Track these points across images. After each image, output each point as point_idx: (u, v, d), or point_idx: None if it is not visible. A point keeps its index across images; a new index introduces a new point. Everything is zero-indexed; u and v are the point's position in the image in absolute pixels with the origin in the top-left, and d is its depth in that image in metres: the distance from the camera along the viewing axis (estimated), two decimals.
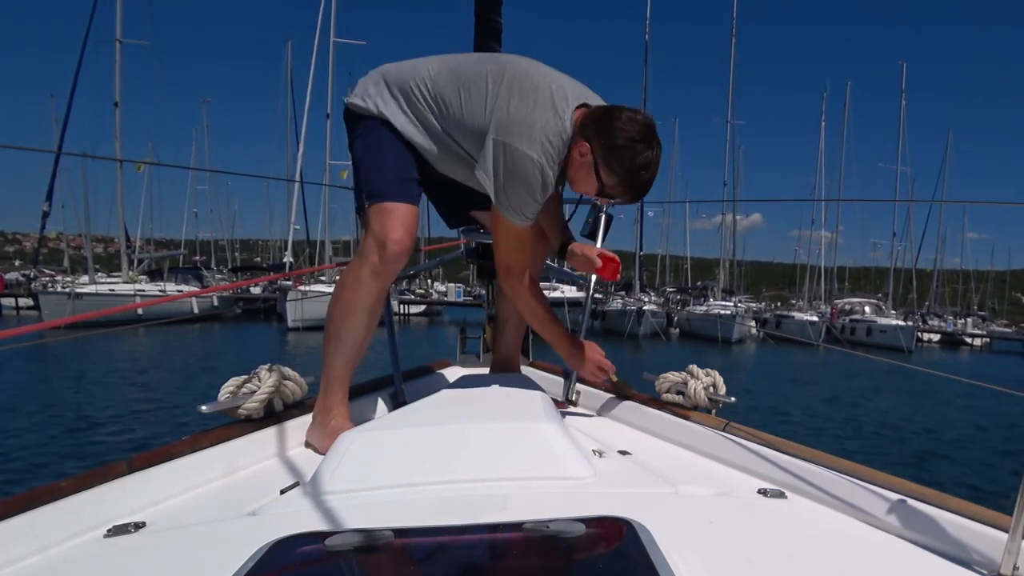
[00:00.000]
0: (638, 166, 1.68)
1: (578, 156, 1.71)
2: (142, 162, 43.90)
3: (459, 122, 1.76)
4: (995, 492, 6.76)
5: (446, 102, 1.77)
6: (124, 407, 9.99)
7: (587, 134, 1.69)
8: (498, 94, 1.71)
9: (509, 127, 1.68)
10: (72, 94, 27.66)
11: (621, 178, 1.69)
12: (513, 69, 1.75)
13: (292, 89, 41.64)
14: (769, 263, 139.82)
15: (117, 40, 30.08)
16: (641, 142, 1.66)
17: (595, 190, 1.76)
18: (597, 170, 1.70)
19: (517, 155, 1.66)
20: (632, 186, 1.71)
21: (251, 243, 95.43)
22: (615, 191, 1.73)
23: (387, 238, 1.77)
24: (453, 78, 1.77)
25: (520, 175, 1.67)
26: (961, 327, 48.34)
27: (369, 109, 1.85)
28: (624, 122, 1.66)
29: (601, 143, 1.67)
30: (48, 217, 27.57)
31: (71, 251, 40.53)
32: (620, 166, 1.68)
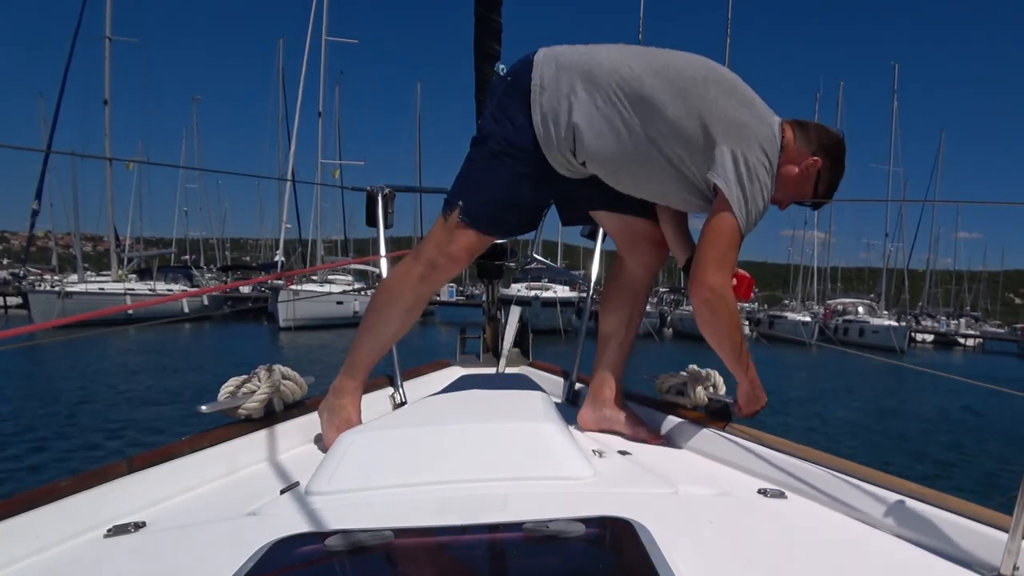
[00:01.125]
0: (842, 175, 1.85)
1: (801, 169, 1.78)
2: (132, 160, 43.79)
3: (675, 127, 1.68)
4: (995, 492, 6.81)
5: (659, 106, 1.67)
6: (120, 407, 9.95)
7: (815, 150, 1.77)
8: (721, 103, 1.68)
9: (743, 136, 1.67)
10: (61, 92, 27.58)
11: (830, 189, 1.84)
12: (725, 77, 1.74)
13: (284, 87, 41.54)
14: (762, 263, 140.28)
15: (106, 38, 30.00)
16: (844, 158, 1.83)
17: (798, 198, 1.86)
18: (817, 181, 1.80)
19: (757, 165, 1.68)
20: (831, 194, 1.86)
21: (242, 242, 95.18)
22: (817, 198, 1.86)
23: (449, 251, 1.78)
24: (665, 81, 1.68)
25: (762, 184, 1.69)
26: (954, 327, 48.59)
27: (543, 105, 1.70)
28: (837, 140, 1.81)
29: (828, 157, 1.78)
30: (37, 215, 27.48)
31: (60, 250, 40.33)
32: (838, 176, 1.83)
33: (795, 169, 1.77)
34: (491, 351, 2.75)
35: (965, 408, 13.50)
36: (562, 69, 1.70)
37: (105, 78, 30.15)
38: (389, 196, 2.40)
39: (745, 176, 1.66)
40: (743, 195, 1.67)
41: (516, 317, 2.69)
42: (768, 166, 1.69)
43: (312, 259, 36.47)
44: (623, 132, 1.69)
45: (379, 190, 2.37)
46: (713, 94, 1.67)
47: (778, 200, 1.84)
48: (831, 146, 1.78)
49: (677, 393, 1.98)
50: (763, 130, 1.70)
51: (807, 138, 1.77)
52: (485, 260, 2.52)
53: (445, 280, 1.86)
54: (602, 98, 1.68)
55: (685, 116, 1.67)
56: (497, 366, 2.66)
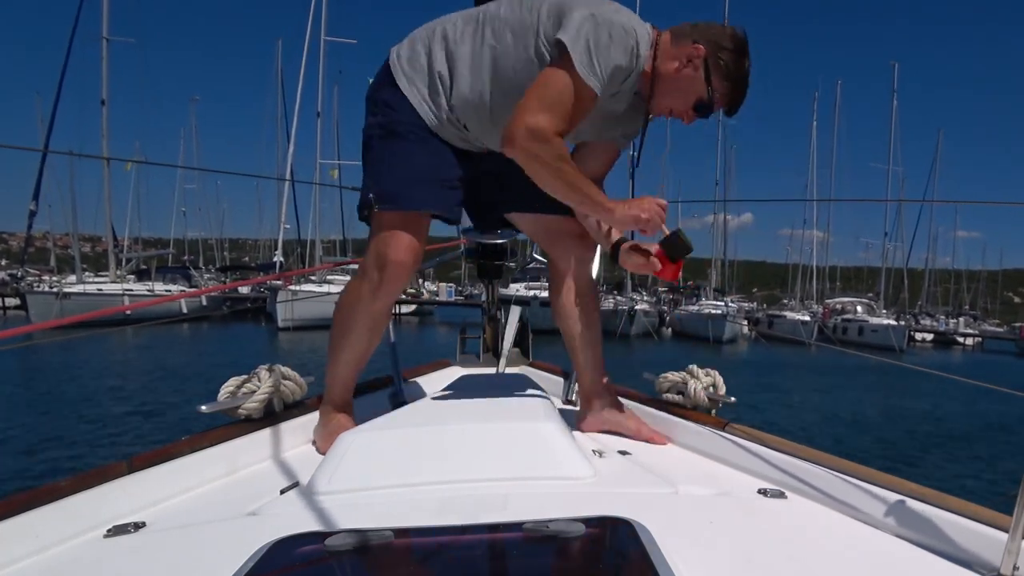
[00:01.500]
0: (746, 73, 1.67)
1: (684, 62, 1.64)
2: (130, 160, 43.76)
3: (521, 24, 1.62)
4: (995, 492, 6.82)
5: (504, 17, 1.64)
6: (120, 407, 9.95)
7: (695, 39, 1.63)
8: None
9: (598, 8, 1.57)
10: (58, 93, 27.54)
11: (733, 84, 1.66)
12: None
13: (283, 87, 41.52)
14: (761, 262, 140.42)
15: (104, 38, 29.91)
16: (746, 54, 1.66)
17: (694, 101, 1.68)
18: (708, 76, 1.64)
19: (612, 25, 1.55)
20: (739, 94, 1.69)
21: (240, 242, 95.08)
22: (721, 100, 1.68)
23: (388, 259, 1.71)
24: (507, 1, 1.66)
25: (615, 37, 1.55)
26: (953, 327, 48.68)
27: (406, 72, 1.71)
28: (731, 31, 1.65)
29: (715, 45, 1.63)
30: (35, 216, 27.43)
31: (58, 250, 40.36)
32: (736, 69, 1.64)
33: (675, 63, 1.64)
34: (491, 351, 2.75)
35: (964, 408, 13.51)
36: (414, 39, 1.75)
37: (103, 78, 30.09)
38: None
39: (592, 29, 1.53)
40: (585, 41, 1.53)
41: (516, 317, 2.70)
42: (629, 28, 1.57)
43: (311, 259, 36.44)
44: (477, 51, 1.66)
45: None
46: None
47: (674, 109, 1.71)
48: (717, 33, 1.64)
49: (677, 393, 1.98)
50: (623, 12, 1.60)
51: (684, 33, 1.65)
52: (485, 260, 2.51)
53: (398, 290, 1.78)
54: (452, 37, 1.69)
55: (529, 13, 1.62)
56: (497, 366, 2.66)
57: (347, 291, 1.84)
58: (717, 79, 1.64)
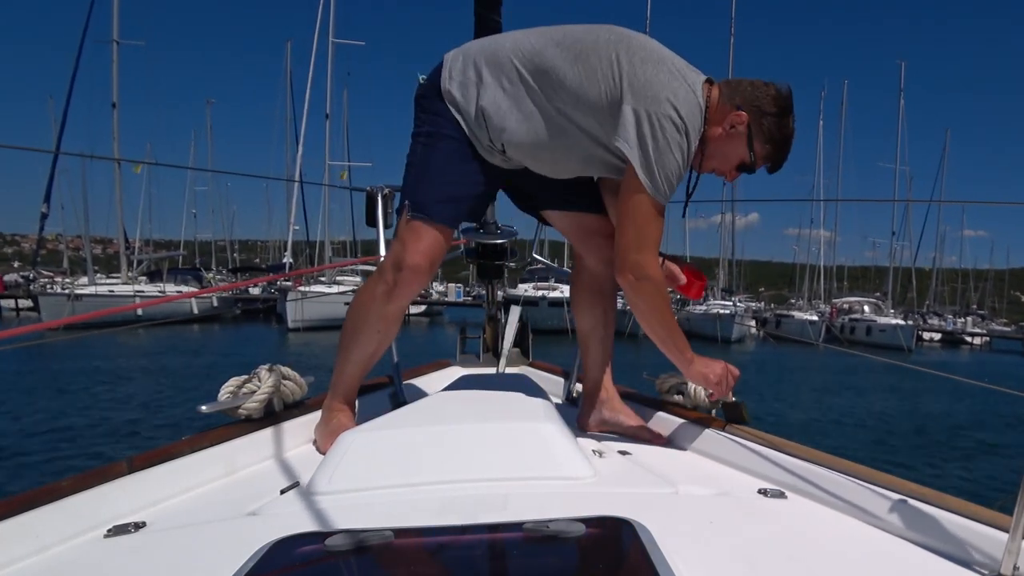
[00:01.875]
0: (789, 134, 1.69)
1: (728, 127, 1.67)
2: (141, 162, 43.94)
3: (578, 95, 1.63)
4: (995, 492, 6.77)
5: (559, 75, 1.63)
6: (123, 407, 9.99)
7: (739, 103, 1.65)
8: (625, 62, 1.60)
9: (650, 93, 1.58)
10: (69, 95, 27.63)
11: (776, 146, 1.69)
12: (632, 38, 1.65)
13: (292, 89, 41.70)
14: (767, 262, 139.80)
15: (114, 41, 30.12)
16: (789, 112, 1.68)
17: (737, 163, 1.72)
18: (750, 141, 1.67)
19: (664, 121, 1.57)
20: (782, 154, 1.72)
21: (250, 244, 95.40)
22: (763, 161, 1.71)
23: (405, 263, 1.72)
24: (564, 49, 1.64)
25: (671, 140, 1.58)
26: (961, 326, 48.38)
27: (453, 95, 1.71)
28: (774, 92, 1.66)
29: (757, 110, 1.65)
30: (47, 218, 27.59)
31: (70, 252, 40.61)
32: (779, 133, 1.67)
33: (719, 129, 1.67)
34: (491, 351, 2.75)
35: (970, 407, 13.43)
36: (468, 58, 1.73)
37: (113, 81, 30.30)
38: (389, 196, 2.40)
39: (649, 135, 1.57)
40: (646, 156, 1.58)
41: (516, 317, 2.69)
42: (679, 122, 1.58)
43: (320, 260, 36.56)
44: (530, 108, 1.67)
45: (379, 190, 2.37)
46: (614, 55, 1.61)
47: (717, 168, 1.75)
48: (759, 97, 1.65)
49: (677, 393, 1.98)
50: (674, 84, 1.60)
51: (731, 94, 1.67)
52: (484, 260, 2.52)
53: (412, 293, 1.79)
54: (507, 78, 1.68)
55: (586, 81, 1.62)
56: (497, 366, 2.66)
57: (362, 291, 1.85)
58: (758, 143, 1.67)
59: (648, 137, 1.58)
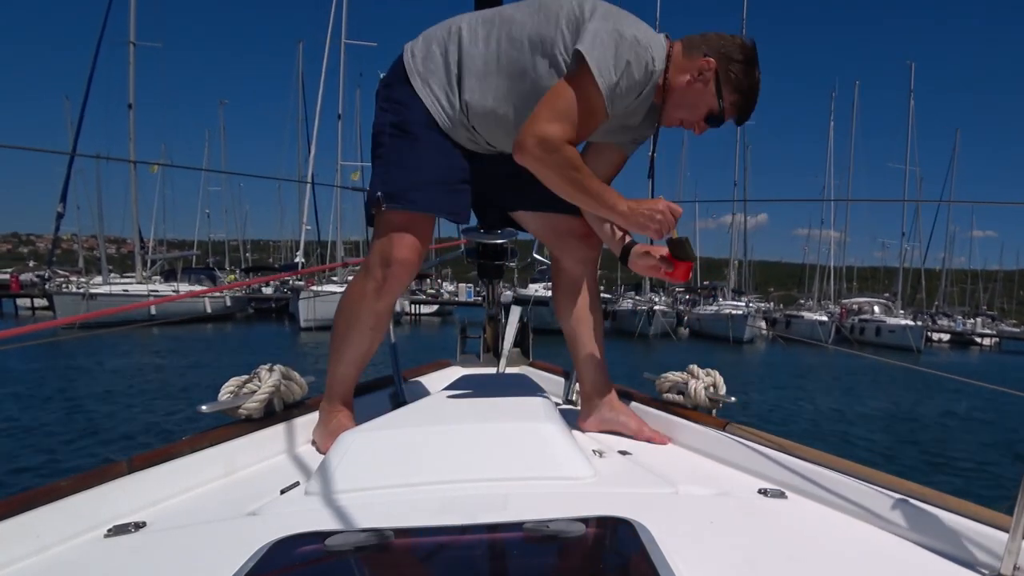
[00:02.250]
0: (755, 83, 1.69)
1: (695, 75, 1.65)
2: (156, 163, 44.24)
3: (540, 39, 1.62)
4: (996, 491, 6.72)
5: (519, 23, 1.64)
6: (126, 407, 10.01)
7: (706, 52, 1.65)
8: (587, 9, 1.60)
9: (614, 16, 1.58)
10: (86, 96, 27.72)
11: (743, 95, 1.68)
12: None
13: (304, 90, 41.88)
14: (777, 263, 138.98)
15: (131, 42, 30.26)
16: (755, 62, 1.68)
17: (705, 112, 1.70)
18: (719, 88, 1.66)
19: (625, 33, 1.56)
20: (749, 103, 1.71)
21: (263, 244, 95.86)
22: (731, 111, 1.70)
23: (392, 258, 1.72)
24: (526, 3, 1.67)
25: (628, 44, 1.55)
26: (970, 327, 47.94)
27: (418, 70, 1.71)
28: (740, 42, 1.67)
29: (725, 57, 1.64)
30: (62, 218, 27.76)
31: (85, 252, 40.84)
32: (746, 81, 1.66)
33: (686, 77, 1.66)
34: (491, 351, 2.75)
35: (977, 408, 13.31)
36: (428, 37, 1.74)
37: (130, 82, 30.39)
38: None
39: (611, 37, 1.54)
40: (604, 55, 1.53)
41: (516, 317, 2.69)
42: (641, 41, 1.57)
43: (332, 260, 36.67)
44: (492, 61, 1.66)
45: None
46: (575, 3, 1.61)
47: (685, 120, 1.72)
48: (726, 45, 1.65)
49: (678, 393, 1.97)
50: (639, 26, 1.60)
51: (695, 45, 1.66)
52: (485, 260, 2.52)
53: (402, 287, 1.78)
54: (468, 39, 1.68)
55: (548, 24, 1.61)
56: (497, 366, 2.66)
57: (350, 290, 1.84)
58: (727, 91, 1.66)
59: (609, 42, 1.54)
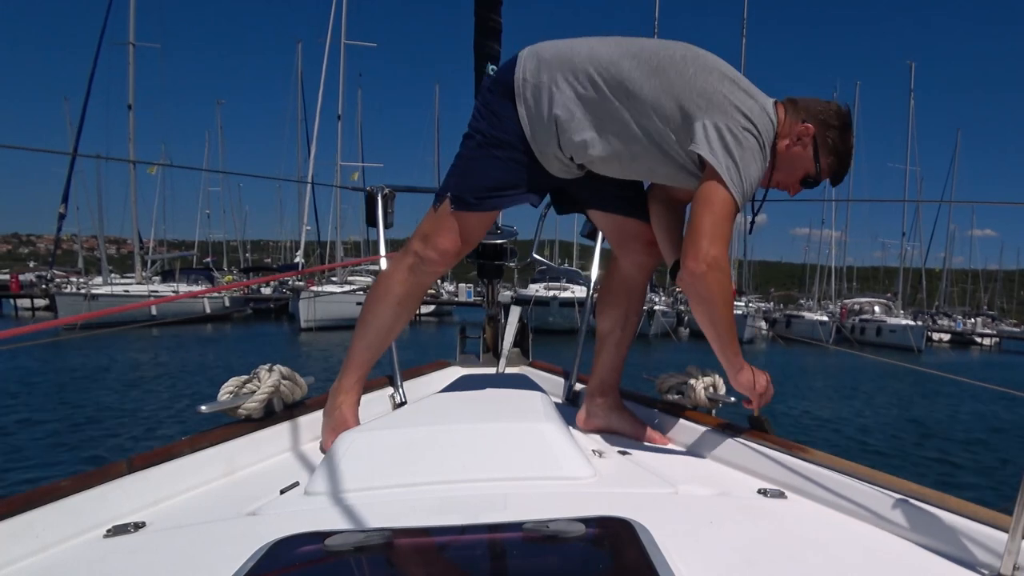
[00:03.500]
0: (850, 147, 1.78)
1: (795, 140, 1.73)
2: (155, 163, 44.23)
3: (654, 106, 1.66)
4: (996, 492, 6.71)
5: (636, 85, 1.66)
6: (125, 407, 10.01)
7: (804, 118, 1.73)
8: (701, 78, 1.65)
9: (725, 109, 1.63)
10: (87, 97, 27.68)
11: (839, 158, 1.77)
12: (707, 56, 1.71)
13: (303, 91, 41.80)
14: (777, 263, 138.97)
15: (130, 43, 30.28)
16: (850, 128, 1.78)
17: (802, 175, 1.78)
18: (816, 153, 1.74)
19: (741, 132, 1.63)
20: (843, 167, 1.80)
21: (262, 244, 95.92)
22: (827, 173, 1.78)
23: (435, 243, 1.77)
24: (641, 61, 1.67)
25: (751, 148, 1.64)
26: (971, 327, 47.91)
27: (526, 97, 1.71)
28: (836, 108, 1.76)
29: (823, 124, 1.73)
30: (64, 219, 27.73)
31: (85, 252, 40.84)
32: (843, 146, 1.76)
33: (786, 142, 1.73)
34: (491, 351, 2.75)
35: (977, 408, 13.31)
36: (543, 62, 1.72)
37: (129, 83, 30.41)
38: (389, 196, 2.40)
39: (732, 143, 1.61)
40: (731, 161, 1.61)
41: (516, 317, 2.69)
42: (756, 134, 1.64)
43: (331, 260, 36.66)
44: (605, 117, 1.69)
45: (379, 190, 2.38)
46: (692, 71, 1.65)
47: (781, 182, 1.80)
48: (824, 112, 1.74)
49: (677, 393, 1.97)
50: (748, 102, 1.66)
51: (796, 110, 1.74)
52: (485, 260, 2.52)
53: (435, 274, 1.83)
54: (581, 85, 1.68)
55: (662, 94, 1.65)
56: (497, 366, 2.65)
57: (390, 263, 1.90)
58: (824, 155, 1.74)
59: (732, 145, 1.61)
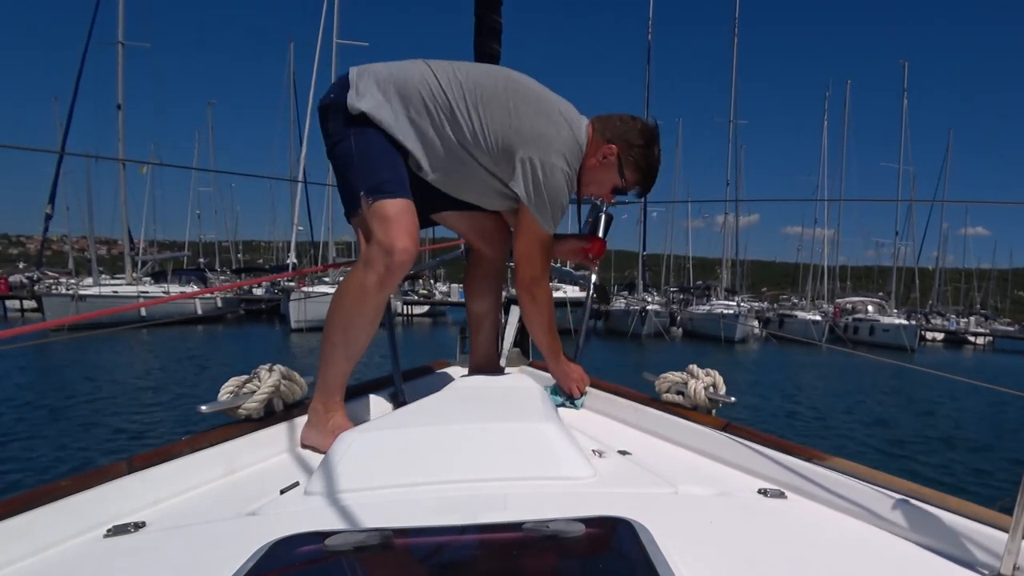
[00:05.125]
0: (654, 162, 1.99)
1: (600, 159, 1.94)
2: (145, 163, 44.05)
3: (477, 137, 1.83)
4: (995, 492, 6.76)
5: (465, 117, 1.81)
6: (124, 407, 10.00)
7: (609, 138, 1.93)
8: (520, 112, 1.83)
9: (540, 144, 1.83)
10: (75, 97, 27.50)
11: (643, 173, 1.98)
12: (526, 88, 1.88)
13: (295, 90, 41.66)
14: (771, 262, 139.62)
15: (119, 42, 30.16)
16: (655, 143, 1.98)
17: (611, 188, 2.00)
18: (621, 169, 1.95)
19: (552, 169, 1.84)
20: (649, 179, 2.01)
21: (254, 244, 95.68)
22: (633, 186, 2.00)
23: (394, 247, 1.72)
24: (468, 93, 1.81)
25: (556, 187, 1.86)
26: (964, 326, 48.19)
27: (368, 112, 1.78)
28: (640, 126, 1.96)
29: (626, 143, 1.93)
30: (51, 219, 27.51)
31: (75, 253, 40.61)
32: (645, 161, 1.96)
33: (593, 160, 1.95)
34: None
35: (972, 407, 13.40)
36: (378, 80, 1.82)
37: (118, 83, 30.29)
38: None
39: (542, 180, 1.83)
40: (540, 198, 1.85)
41: (516, 317, 2.69)
42: (566, 168, 1.86)
43: (324, 261, 36.55)
44: (434, 141, 1.84)
45: None
46: (512, 104, 1.82)
47: (594, 193, 2.04)
48: (627, 131, 1.93)
49: (677, 393, 1.98)
50: (563, 133, 1.86)
51: (603, 129, 1.94)
52: None
53: (401, 276, 1.80)
54: (414, 109, 1.81)
55: (485, 127, 1.82)
56: None
57: (347, 285, 1.80)
58: (628, 171, 1.97)
59: (542, 182, 1.84)
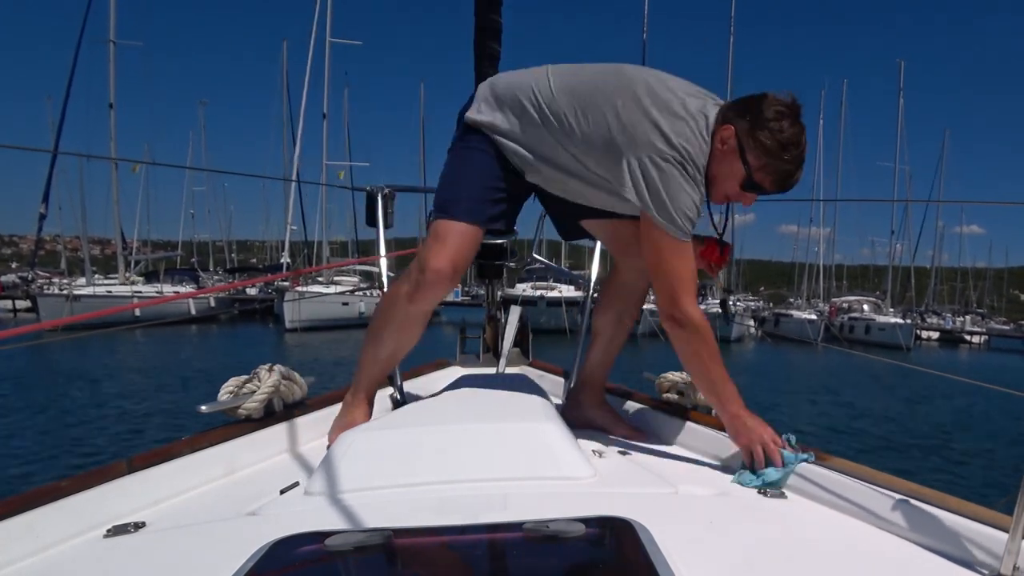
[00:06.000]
0: (784, 140, 1.53)
1: (720, 145, 1.58)
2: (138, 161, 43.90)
3: (586, 144, 1.66)
4: (995, 492, 6.77)
5: (569, 123, 1.66)
6: (122, 407, 9.98)
7: (728, 117, 1.58)
8: (627, 111, 1.59)
9: (645, 139, 1.56)
10: (67, 96, 27.38)
11: (769, 154, 1.54)
12: (641, 84, 1.62)
13: (288, 89, 41.54)
14: (767, 262, 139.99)
15: (111, 41, 30.05)
16: (788, 117, 1.54)
17: (739, 181, 1.60)
18: (743, 154, 1.56)
19: (662, 167, 1.55)
20: (777, 162, 1.56)
21: (248, 244, 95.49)
22: (761, 172, 1.57)
23: (427, 265, 1.70)
24: (578, 98, 1.66)
25: (674, 185, 1.55)
26: (960, 325, 48.38)
27: (479, 122, 1.76)
28: (770, 98, 1.56)
29: (746, 120, 1.55)
30: (45, 219, 27.42)
31: (68, 253, 40.51)
32: (772, 139, 1.53)
33: (715, 150, 1.60)
34: (491, 351, 2.75)
35: (968, 407, 13.44)
36: (494, 94, 1.78)
37: (110, 82, 30.21)
38: (389, 196, 2.40)
39: (656, 180, 1.55)
40: (659, 201, 1.56)
41: (516, 317, 2.69)
42: (681, 159, 1.55)
43: (318, 260, 36.48)
44: (546, 149, 1.72)
45: (379, 190, 2.37)
46: (619, 104, 1.60)
47: (727, 192, 1.66)
48: (751, 105, 1.56)
49: (677, 393, 1.98)
50: (676, 125, 1.56)
51: (727, 109, 1.60)
52: (484, 260, 2.52)
53: (436, 297, 1.77)
54: (527, 120, 1.72)
55: (592, 133, 1.64)
56: (497, 366, 2.65)
57: (389, 290, 1.88)
58: (752, 155, 1.56)
59: (656, 182, 1.55)
